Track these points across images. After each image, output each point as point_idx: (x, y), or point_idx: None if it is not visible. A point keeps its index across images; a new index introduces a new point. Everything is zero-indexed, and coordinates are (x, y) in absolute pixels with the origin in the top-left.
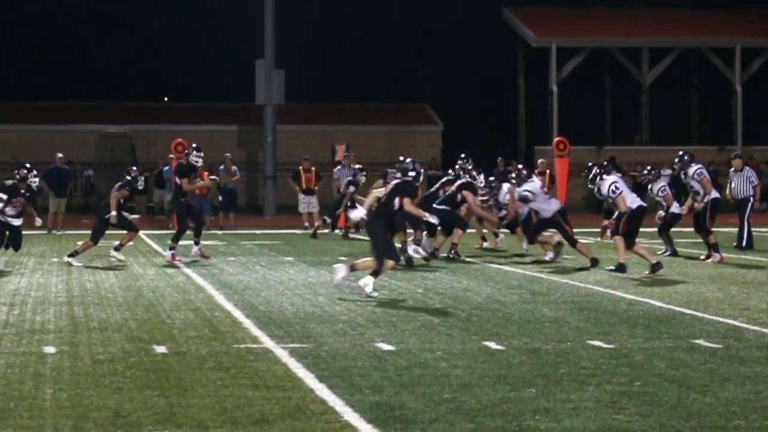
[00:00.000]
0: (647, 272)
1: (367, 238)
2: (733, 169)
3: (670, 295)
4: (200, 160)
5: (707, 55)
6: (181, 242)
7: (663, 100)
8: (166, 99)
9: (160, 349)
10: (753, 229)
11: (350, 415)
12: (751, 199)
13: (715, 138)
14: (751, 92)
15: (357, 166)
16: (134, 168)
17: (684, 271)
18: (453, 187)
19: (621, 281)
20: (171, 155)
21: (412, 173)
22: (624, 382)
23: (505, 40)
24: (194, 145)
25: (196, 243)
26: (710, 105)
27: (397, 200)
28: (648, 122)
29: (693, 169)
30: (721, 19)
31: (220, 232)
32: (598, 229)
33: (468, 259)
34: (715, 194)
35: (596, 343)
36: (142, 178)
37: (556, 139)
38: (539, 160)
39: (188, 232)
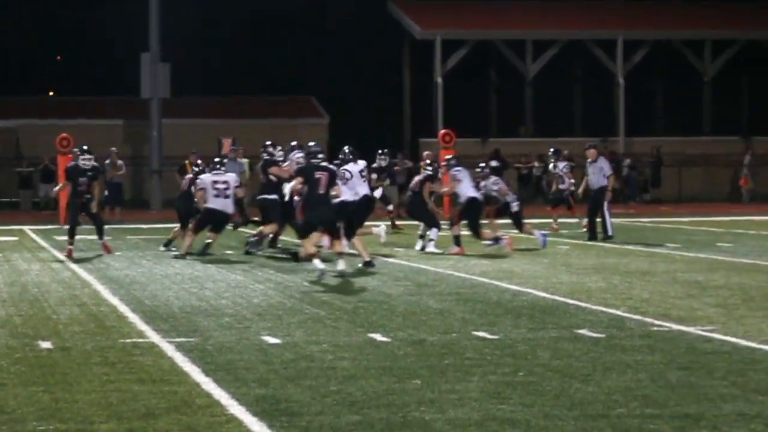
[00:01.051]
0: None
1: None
2: (589, 160)
3: (554, 285)
4: (89, 163)
5: (590, 48)
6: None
7: (546, 92)
8: (51, 93)
9: (45, 344)
10: (614, 219)
11: (236, 409)
12: (605, 189)
13: (598, 129)
14: (633, 84)
15: (244, 160)
16: None
17: (568, 262)
18: (415, 183)
19: (506, 272)
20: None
21: (321, 155)
22: (508, 373)
23: (390, 33)
24: (84, 148)
25: (100, 238)
26: (593, 97)
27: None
28: (532, 114)
29: (562, 164)
30: (604, 12)
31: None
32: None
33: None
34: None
35: (481, 333)
36: None
37: (442, 131)
38: (425, 153)
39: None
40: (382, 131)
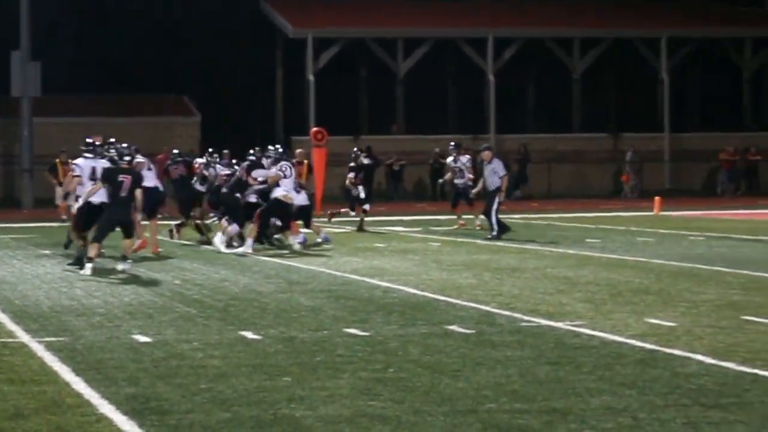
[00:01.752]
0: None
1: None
2: (485, 161)
3: (425, 282)
4: None
5: (461, 46)
6: None
7: (418, 89)
8: None
9: None
10: (502, 216)
11: (106, 408)
12: (498, 190)
13: (470, 127)
14: (504, 81)
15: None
16: None
17: (439, 259)
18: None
19: (377, 269)
20: None
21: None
22: (379, 369)
23: (262, 31)
24: None
25: None
26: (464, 94)
27: None
28: (403, 112)
29: (465, 158)
30: (475, 10)
31: None
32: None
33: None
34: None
35: (352, 330)
36: None
37: (314, 129)
38: (297, 150)
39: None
40: (254, 129)
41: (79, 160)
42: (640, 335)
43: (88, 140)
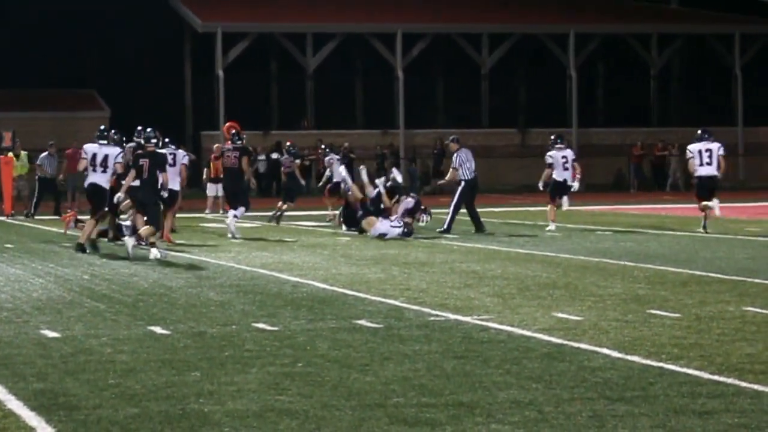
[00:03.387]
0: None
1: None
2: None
3: (334, 276)
4: None
5: (370, 41)
6: None
7: (328, 84)
8: None
9: None
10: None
11: (14, 404)
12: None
13: (378, 122)
14: (413, 77)
15: (24, 153)
16: None
17: (348, 253)
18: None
19: (286, 264)
20: None
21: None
22: (287, 364)
23: (171, 25)
24: None
25: None
26: (374, 89)
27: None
28: (313, 107)
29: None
30: (383, 5)
31: None
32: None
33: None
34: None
35: (261, 325)
36: None
37: (227, 124)
38: (215, 146)
39: None
40: (164, 124)
41: (87, 145)
42: (547, 329)
43: (101, 128)
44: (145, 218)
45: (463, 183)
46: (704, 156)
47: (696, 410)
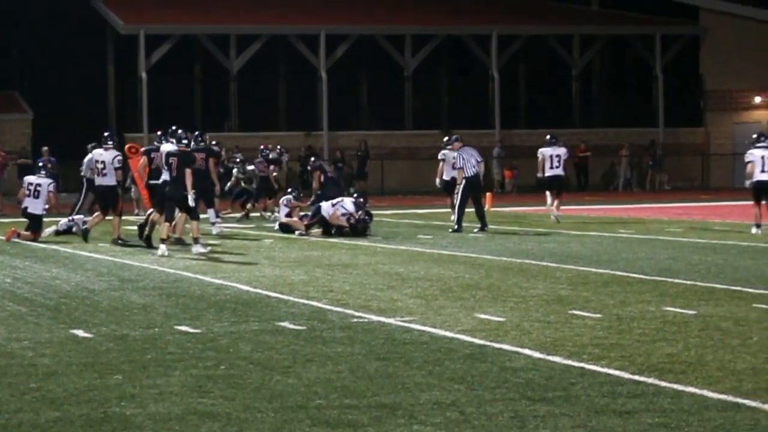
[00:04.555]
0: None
1: None
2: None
3: (258, 279)
4: None
5: (293, 42)
6: None
7: (251, 86)
8: None
9: None
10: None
11: None
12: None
13: (302, 123)
14: (337, 78)
15: None
16: None
17: (271, 255)
18: None
19: (210, 266)
20: None
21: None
22: (210, 366)
23: (93, 28)
24: None
25: None
26: (297, 91)
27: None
28: (237, 109)
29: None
30: (306, 7)
31: None
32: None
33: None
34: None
35: (184, 328)
36: None
37: (128, 145)
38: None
39: None
40: (87, 127)
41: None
42: (469, 330)
43: (172, 128)
44: (179, 213)
45: (463, 181)
46: (554, 160)
47: (616, 410)
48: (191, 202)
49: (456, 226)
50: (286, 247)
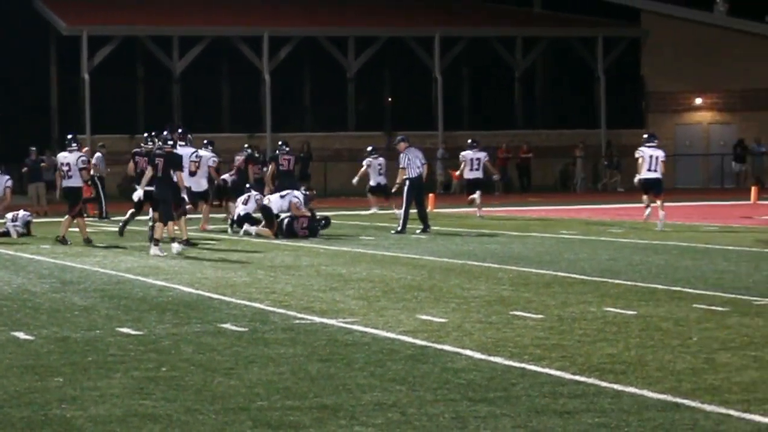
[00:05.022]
0: None
1: None
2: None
3: (200, 280)
4: None
5: (236, 44)
6: None
7: (194, 88)
8: None
9: None
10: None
11: None
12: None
13: (245, 125)
14: (280, 80)
15: None
16: None
17: (214, 257)
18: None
19: (152, 268)
20: None
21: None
22: (151, 368)
23: (36, 28)
24: None
25: None
26: (240, 93)
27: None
28: (180, 110)
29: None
30: (250, 9)
31: None
32: None
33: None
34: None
35: (125, 330)
36: None
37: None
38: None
39: None
40: (30, 128)
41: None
42: (411, 331)
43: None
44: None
45: (407, 182)
46: (474, 163)
47: (557, 410)
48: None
49: (400, 228)
50: (229, 248)
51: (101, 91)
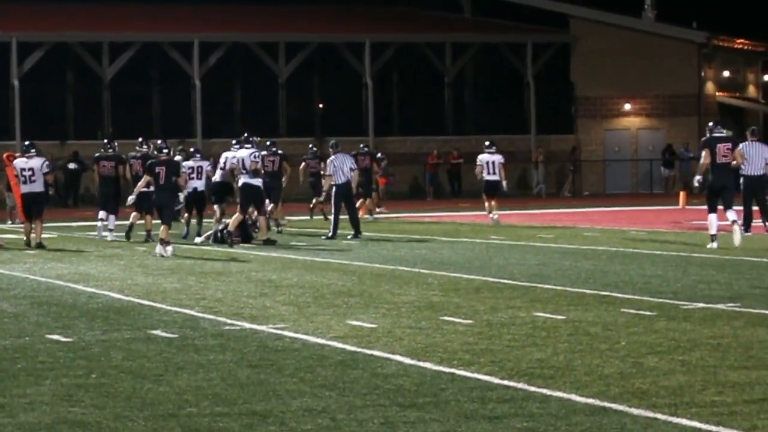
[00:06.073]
0: None
1: None
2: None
3: (130, 287)
4: None
5: (166, 50)
6: None
7: (124, 94)
8: None
9: None
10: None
11: None
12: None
13: (176, 131)
14: (211, 86)
15: None
16: None
17: (144, 263)
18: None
19: (82, 275)
20: None
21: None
22: (81, 375)
23: None
24: None
25: None
26: (171, 99)
27: None
28: (110, 116)
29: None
30: (179, 14)
31: None
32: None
33: None
34: None
35: (55, 336)
36: None
37: (5, 154)
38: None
39: None
40: None
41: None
42: (341, 337)
43: (246, 136)
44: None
45: (334, 188)
46: (491, 166)
47: (486, 415)
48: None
49: (331, 233)
50: (160, 255)
51: (31, 98)
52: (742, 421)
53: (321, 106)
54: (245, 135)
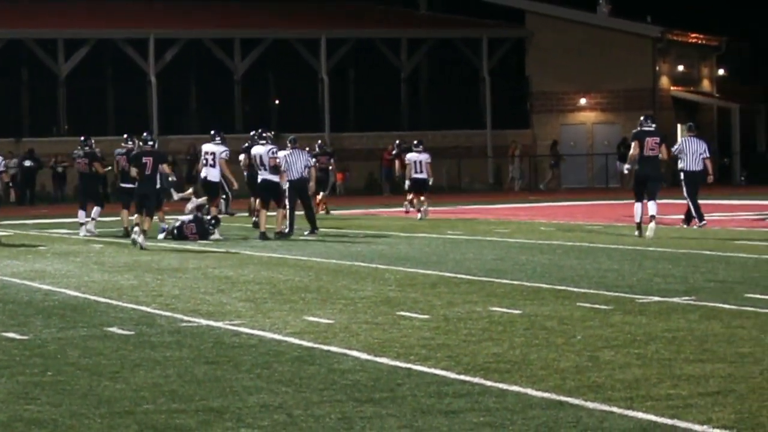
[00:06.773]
0: None
1: None
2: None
3: (87, 284)
4: None
5: (121, 47)
6: None
7: (80, 91)
8: None
9: None
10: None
11: None
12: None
13: (131, 128)
14: (166, 83)
15: None
16: None
17: (101, 260)
18: None
19: (38, 272)
20: None
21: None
22: (37, 373)
23: None
24: None
25: None
26: (126, 96)
27: None
28: (65, 113)
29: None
30: (134, 11)
31: None
32: None
33: None
34: None
35: (10, 334)
36: None
37: None
38: None
39: None
40: None
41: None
42: (298, 333)
43: (261, 132)
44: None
45: (287, 184)
46: (418, 165)
47: (442, 410)
48: (175, 196)
49: (287, 229)
50: (116, 252)
51: None
52: (698, 414)
53: (277, 102)
54: (259, 131)
